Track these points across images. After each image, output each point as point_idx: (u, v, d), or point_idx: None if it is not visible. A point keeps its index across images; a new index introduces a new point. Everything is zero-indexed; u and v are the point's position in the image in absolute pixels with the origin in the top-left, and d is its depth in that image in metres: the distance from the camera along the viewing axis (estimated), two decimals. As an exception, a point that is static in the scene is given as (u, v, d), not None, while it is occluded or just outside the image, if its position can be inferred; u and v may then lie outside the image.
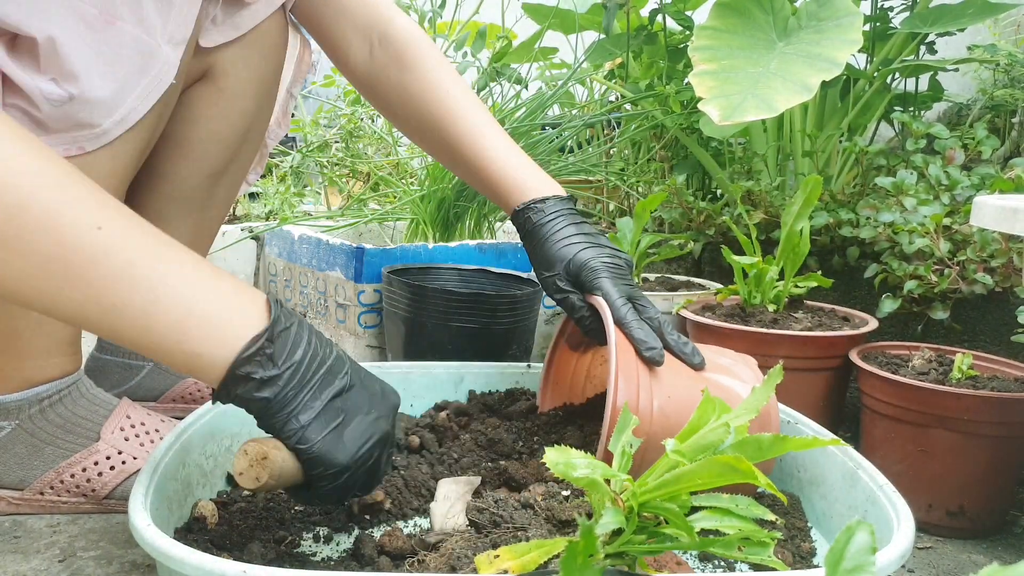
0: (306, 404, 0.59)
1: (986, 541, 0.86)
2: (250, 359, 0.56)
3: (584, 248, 0.81)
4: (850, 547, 0.37)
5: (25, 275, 0.52)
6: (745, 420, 0.52)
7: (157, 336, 0.55)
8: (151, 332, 0.55)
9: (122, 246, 0.54)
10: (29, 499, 0.82)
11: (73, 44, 0.67)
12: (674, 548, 0.52)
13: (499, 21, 2.08)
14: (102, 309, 0.53)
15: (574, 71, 1.68)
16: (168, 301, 0.54)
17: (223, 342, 0.56)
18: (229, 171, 0.98)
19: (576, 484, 0.53)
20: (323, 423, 0.60)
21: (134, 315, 0.54)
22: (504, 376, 1.01)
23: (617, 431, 0.58)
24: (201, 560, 0.50)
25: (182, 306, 0.55)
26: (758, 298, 1.11)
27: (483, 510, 0.66)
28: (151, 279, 0.54)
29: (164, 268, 0.55)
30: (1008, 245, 0.99)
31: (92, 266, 0.53)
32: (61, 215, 0.52)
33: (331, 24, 0.93)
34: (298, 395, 0.58)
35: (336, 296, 1.30)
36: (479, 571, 0.53)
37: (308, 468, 0.60)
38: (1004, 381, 0.88)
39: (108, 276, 0.53)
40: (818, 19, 1.19)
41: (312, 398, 0.59)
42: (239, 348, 0.56)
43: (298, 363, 0.58)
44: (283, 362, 0.58)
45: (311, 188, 2.11)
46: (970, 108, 1.61)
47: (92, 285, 0.53)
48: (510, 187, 0.86)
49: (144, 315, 0.54)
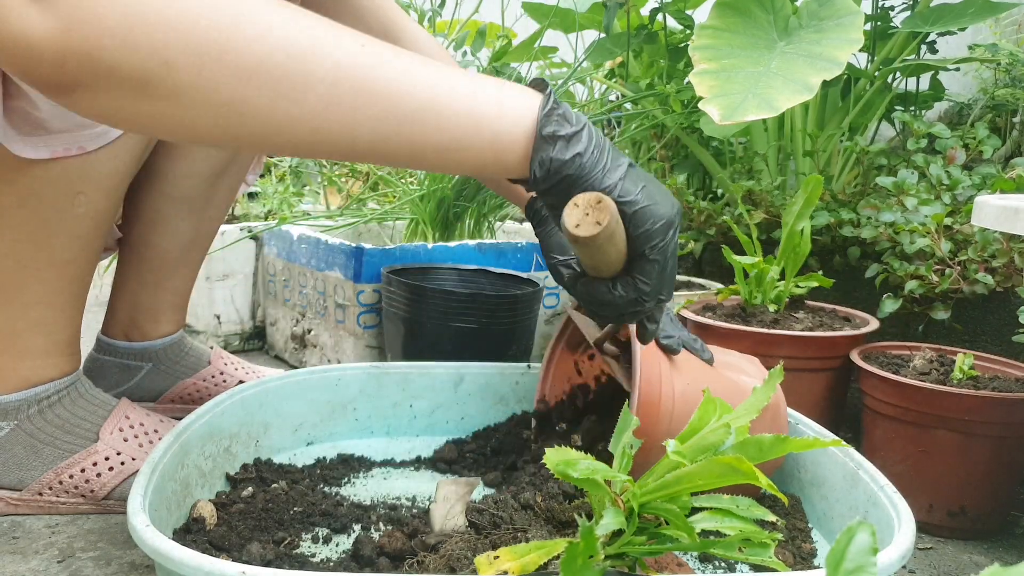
0: (613, 163, 0.57)
1: (987, 542, 0.86)
2: (550, 116, 0.56)
3: None
4: (851, 548, 0.37)
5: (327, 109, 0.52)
6: (746, 420, 0.52)
7: (454, 131, 0.54)
8: (446, 130, 0.54)
9: (392, 55, 0.54)
10: (28, 500, 0.82)
11: None
12: (675, 549, 0.52)
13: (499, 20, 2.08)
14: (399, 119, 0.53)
15: (574, 70, 1.67)
16: (453, 95, 0.54)
17: (519, 111, 0.56)
18: (228, 172, 0.98)
19: (576, 485, 0.53)
20: (634, 182, 0.58)
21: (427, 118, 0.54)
22: (504, 376, 1.00)
23: (617, 432, 0.58)
24: (200, 561, 0.50)
25: (468, 96, 0.55)
26: (759, 298, 1.11)
27: (483, 511, 0.66)
28: (430, 79, 0.54)
29: (434, 68, 0.55)
30: (1009, 245, 0.99)
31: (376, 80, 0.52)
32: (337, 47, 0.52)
33: None
34: (603, 154, 0.57)
35: (335, 296, 1.30)
36: (479, 572, 0.53)
37: (637, 224, 0.57)
38: (1005, 381, 0.88)
39: (394, 83, 0.53)
40: (819, 18, 1.19)
41: (614, 160, 0.58)
42: (536, 109, 0.56)
43: (590, 125, 0.58)
44: (577, 120, 0.57)
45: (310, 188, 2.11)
46: (971, 108, 1.61)
47: (383, 96, 0.52)
48: None
49: (436, 114, 0.54)
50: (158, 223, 0.96)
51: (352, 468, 0.89)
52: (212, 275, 1.51)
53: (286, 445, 0.91)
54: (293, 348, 1.45)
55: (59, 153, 0.71)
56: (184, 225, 0.97)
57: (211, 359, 1.08)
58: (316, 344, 1.38)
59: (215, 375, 1.07)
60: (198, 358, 1.07)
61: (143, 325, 1.03)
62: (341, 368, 0.97)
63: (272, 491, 0.78)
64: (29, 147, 0.70)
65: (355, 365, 0.98)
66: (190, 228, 0.98)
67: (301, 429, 0.93)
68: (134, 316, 1.02)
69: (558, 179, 0.57)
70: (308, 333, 1.40)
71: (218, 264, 1.51)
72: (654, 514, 0.52)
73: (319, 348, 1.38)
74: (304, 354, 1.42)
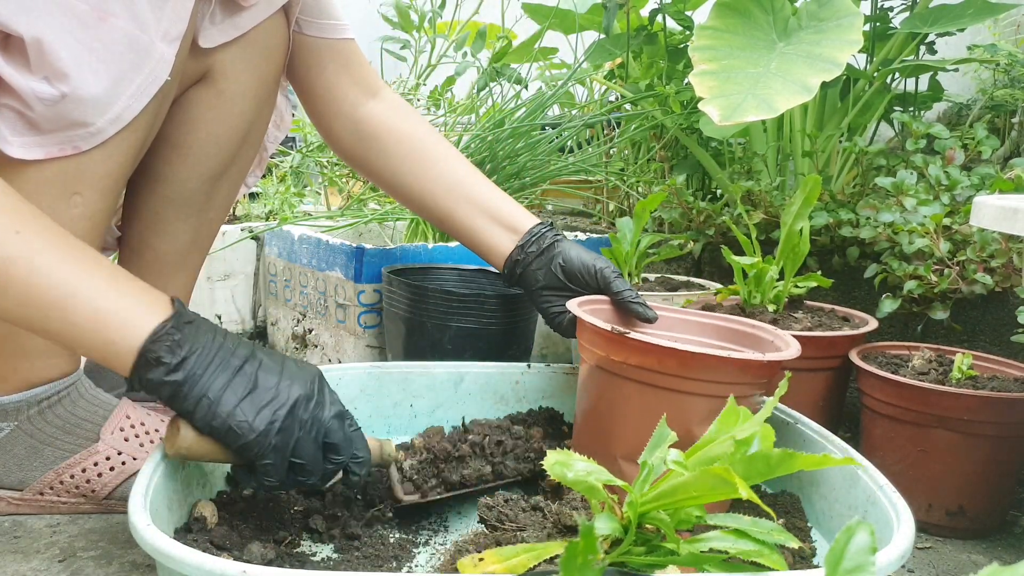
0: (214, 379, 0.64)
1: (986, 541, 0.86)
2: (159, 341, 0.62)
3: None
4: (850, 547, 0.37)
5: None
6: (750, 433, 0.52)
7: (76, 329, 0.62)
8: (71, 326, 0.62)
9: (40, 248, 0.61)
10: (29, 499, 0.82)
11: (63, 41, 0.66)
12: (673, 563, 0.51)
13: (499, 21, 2.08)
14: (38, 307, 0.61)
15: (574, 71, 1.68)
16: (85, 297, 0.62)
17: (135, 327, 0.63)
18: (228, 174, 0.98)
19: (572, 488, 0.52)
20: (234, 393, 0.64)
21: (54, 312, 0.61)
22: (504, 376, 1.01)
23: (651, 446, 0.57)
24: (201, 560, 0.50)
25: (98, 301, 0.62)
26: (758, 298, 1.11)
27: (492, 508, 0.66)
28: (70, 280, 0.62)
29: (80, 269, 0.62)
30: (1008, 245, 0.99)
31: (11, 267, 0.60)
32: None
33: None
34: (205, 372, 0.63)
35: (336, 296, 1.30)
36: (461, 573, 0.52)
37: (227, 443, 0.64)
38: (1004, 381, 0.88)
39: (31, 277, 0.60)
40: (818, 19, 1.19)
41: (220, 371, 0.64)
42: (148, 332, 0.62)
43: (204, 346, 0.64)
44: (190, 347, 0.63)
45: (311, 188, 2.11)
46: (970, 108, 1.61)
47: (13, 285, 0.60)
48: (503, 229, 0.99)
49: (62, 311, 0.61)
50: (157, 225, 0.96)
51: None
52: (213, 275, 1.51)
53: (286, 445, 0.91)
54: (294, 348, 1.45)
55: (53, 153, 0.71)
56: (184, 227, 0.97)
57: (211, 359, 1.08)
58: (317, 344, 1.39)
59: (215, 375, 1.07)
60: (198, 358, 1.07)
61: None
62: (342, 368, 0.97)
63: (273, 491, 0.78)
64: (23, 148, 0.70)
65: (355, 365, 0.98)
66: (190, 230, 0.97)
67: (301, 429, 0.93)
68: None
69: (155, 393, 0.64)
70: (309, 333, 1.41)
71: (219, 264, 1.51)
72: (655, 525, 0.52)
73: (320, 348, 1.38)
74: (305, 354, 1.42)
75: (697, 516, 0.52)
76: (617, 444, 0.77)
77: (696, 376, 0.73)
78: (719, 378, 0.73)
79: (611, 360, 0.77)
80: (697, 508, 0.51)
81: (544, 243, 0.95)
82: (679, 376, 0.74)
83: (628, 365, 0.75)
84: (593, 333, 0.80)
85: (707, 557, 0.51)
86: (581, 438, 0.84)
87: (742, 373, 0.74)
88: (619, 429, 0.78)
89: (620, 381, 0.77)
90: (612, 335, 0.76)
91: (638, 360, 0.75)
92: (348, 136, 1.01)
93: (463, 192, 0.99)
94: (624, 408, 0.77)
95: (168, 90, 0.79)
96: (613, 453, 0.77)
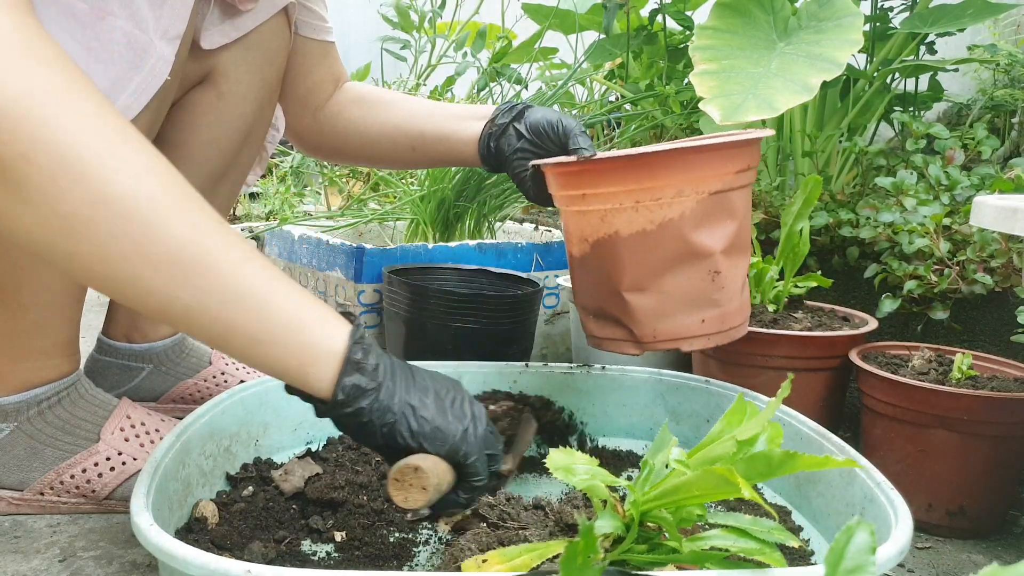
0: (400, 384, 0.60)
1: (986, 541, 0.86)
2: (356, 344, 0.58)
3: None
4: (850, 547, 0.37)
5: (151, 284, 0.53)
6: (752, 432, 0.52)
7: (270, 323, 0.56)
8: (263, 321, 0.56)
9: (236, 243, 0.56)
10: (29, 499, 0.82)
11: (61, 40, 0.66)
12: (674, 561, 0.51)
13: (499, 21, 2.08)
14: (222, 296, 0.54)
15: (574, 71, 1.68)
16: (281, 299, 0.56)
17: (335, 329, 0.58)
18: (229, 175, 0.98)
19: (577, 488, 0.53)
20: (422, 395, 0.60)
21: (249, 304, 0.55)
22: (502, 375, 1.01)
23: (654, 449, 0.57)
24: (205, 560, 0.50)
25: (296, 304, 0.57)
26: (758, 298, 1.11)
27: (494, 507, 0.66)
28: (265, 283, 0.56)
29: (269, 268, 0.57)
30: (1008, 245, 0.99)
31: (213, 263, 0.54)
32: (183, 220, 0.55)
33: None
34: (394, 378, 0.60)
35: (336, 296, 1.30)
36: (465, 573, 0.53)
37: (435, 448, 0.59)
38: (1004, 381, 0.88)
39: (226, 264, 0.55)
40: (818, 19, 1.19)
41: (400, 375, 0.60)
42: (347, 334, 0.58)
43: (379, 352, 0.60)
44: (376, 353, 0.59)
45: (311, 188, 2.11)
46: (970, 108, 1.61)
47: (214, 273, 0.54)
48: None
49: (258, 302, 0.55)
50: (158, 225, 0.96)
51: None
52: (212, 275, 1.51)
53: (286, 444, 0.91)
54: (293, 348, 1.45)
55: None
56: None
57: (212, 359, 1.08)
58: (316, 344, 1.38)
59: (216, 375, 1.07)
60: (199, 358, 1.08)
61: (144, 326, 1.03)
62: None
63: (272, 490, 0.78)
64: None
65: (356, 365, 0.98)
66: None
67: (300, 428, 0.93)
68: (135, 318, 1.02)
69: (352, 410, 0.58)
70: (308, 333, 1.40)
71: (218, 264, 1.51)
72: (657, 523, 0.52)
73: (319, 348, 1.38)
74: (304, 354, 1.42)
75: (698, 515, 0.52)
76: (619, 279, 0.78)
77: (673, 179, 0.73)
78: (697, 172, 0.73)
79: (587, 196, 0.77)
80: (698, 507, 0.52)
81: (514, 112, 0.92)
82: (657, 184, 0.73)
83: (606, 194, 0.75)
84: (561, 174, 0.80)
85: (709, 555, 0.51)
86: (582, 286, 0.84)
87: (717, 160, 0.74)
88: (616, 266, 0.78)
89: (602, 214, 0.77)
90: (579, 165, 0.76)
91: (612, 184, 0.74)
92: (322, 127, 1.02)
93: (426, 111, 0.98)
94: (615, 240, 0.77)
95: (168, 90, 0.79)
96: (617, 289, 0.78)
